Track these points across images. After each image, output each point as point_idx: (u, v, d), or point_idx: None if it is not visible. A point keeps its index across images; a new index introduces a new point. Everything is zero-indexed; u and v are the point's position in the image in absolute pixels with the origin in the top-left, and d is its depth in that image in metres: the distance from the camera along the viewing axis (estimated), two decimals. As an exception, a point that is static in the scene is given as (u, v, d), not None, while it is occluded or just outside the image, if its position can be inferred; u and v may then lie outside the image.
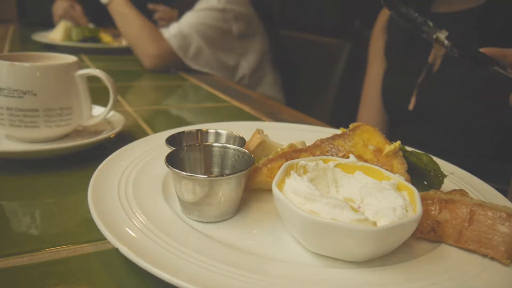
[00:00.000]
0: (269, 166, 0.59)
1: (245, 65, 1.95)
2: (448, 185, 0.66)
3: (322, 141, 0.63)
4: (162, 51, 1.71)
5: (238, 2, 1.88)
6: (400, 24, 1.23)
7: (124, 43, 2.17)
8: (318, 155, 0.61)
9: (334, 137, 0.63)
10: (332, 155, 0.61)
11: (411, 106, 1.16)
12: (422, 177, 0.60)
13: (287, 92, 2.07)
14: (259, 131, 0.69)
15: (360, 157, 0.60)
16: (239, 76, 1.96)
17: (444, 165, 0.74)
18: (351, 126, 0.63)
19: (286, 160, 0.58)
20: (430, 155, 0.61)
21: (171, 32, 1.76)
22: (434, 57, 1.11)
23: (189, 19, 1.81)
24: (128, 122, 0.92)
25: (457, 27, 1.12)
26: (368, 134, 0.62)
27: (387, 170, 0.55)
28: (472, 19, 1.10)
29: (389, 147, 0.59)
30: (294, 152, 0.61)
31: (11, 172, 0.69)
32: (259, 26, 1.97)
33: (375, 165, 0.57)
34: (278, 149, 0.63)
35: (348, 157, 0.58)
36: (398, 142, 0.60)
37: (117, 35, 2.24)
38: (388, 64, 1.39)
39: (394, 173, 0.55)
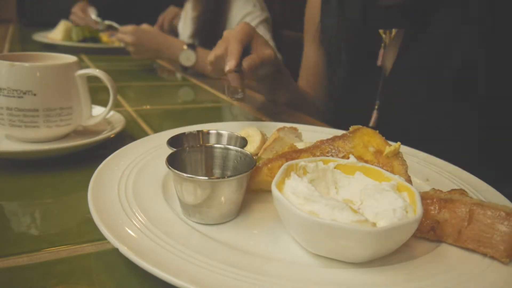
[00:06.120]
0: (269, 166, 0.59)
1: None
2: (447, 184, 0.66)
3: (322, 142, 0.63)
4: None
5: (266, 8, 1.98)
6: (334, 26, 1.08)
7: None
8: (318, 156, 0.61)
9: (334, 138, 0.63)
10: (332, 156, 0.61)
11: (372, 122, 1.06)
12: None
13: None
14: (280, 129, 0.69)
15: (360, 158, 0.60)
16: None
17: (444, 165, 0.74)
18: (351, 128, 0.64)
19: (286, 160, 0.58)
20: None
21: None
22: (383, 58, 1.00)
23: None
24: (128, 122, 0.92)
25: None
26: (368, 137, 0.62)
27: (387, 171, 0.55)
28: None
29: (389, 148, 0.59)
30: (294, 152, 0.61)
31: (11, 172, 0.69)
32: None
33: (375, 166, 0.57)
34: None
35: (348, 158, 0.58)
36: (399, 143, 0.60)
37: (113, 35, 2.24)
38: (327, 56, 1.18)
39: (394, 173, 0.55)
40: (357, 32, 1.05)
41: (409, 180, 0.57)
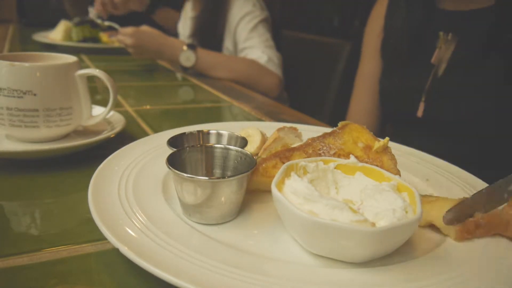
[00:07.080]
0: (263, 165, 0.59)
1: None
2: (447, 184, 0.66)
3: (313, 139, 0.64)
4: (277, 79, 1.82)
5: (265, 7, 1.97)
6: (399, 21, 1.21)
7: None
8: (311, 153, 0.61)
9: (324, 135, 0.64)
10: (324, 152, 0.62)
11: (419, 113, 1.13)
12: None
13: (287, 92, 2.07)
14: (280, 129, 0.69)
15: (350, 154, 0.61)
16: None
17: (445, 166, 0.74)
18: (340, 124, 0.65)
19: (280, 159, 0.59)
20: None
21: (263, 59, 1.80)
22: (438, 59, 1.10)
23: (254, 41, 1.85)
24: (128, 122, 0.92)
25: (463, 27, 1.07)
26: (357, 132, 0.63)
27: (377, 165, 0.56)
28: (480, 20, 1.04)
29: (378, 144, 0.60)
30: (287, 151, 0.61)
31: (11, 172, 0.69)
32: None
33: (365, 161, 0.57)
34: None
35: (339, 155, 0.59)
36: (387, 138, 0.61)
37: (113, 35, 2.24)
38: (386, 66, 1.32)
39: (384, 168, 0.55)
40: (419, 32, 1.17)
41: (398, 174, 0.57)
